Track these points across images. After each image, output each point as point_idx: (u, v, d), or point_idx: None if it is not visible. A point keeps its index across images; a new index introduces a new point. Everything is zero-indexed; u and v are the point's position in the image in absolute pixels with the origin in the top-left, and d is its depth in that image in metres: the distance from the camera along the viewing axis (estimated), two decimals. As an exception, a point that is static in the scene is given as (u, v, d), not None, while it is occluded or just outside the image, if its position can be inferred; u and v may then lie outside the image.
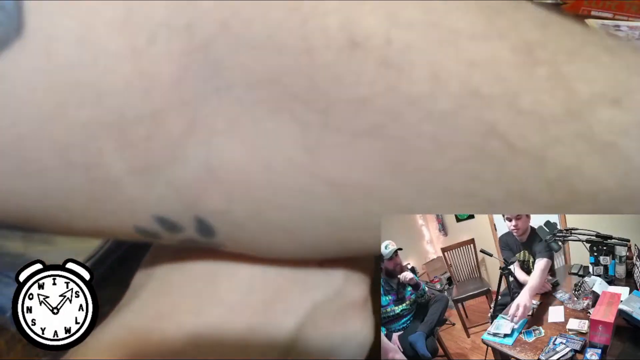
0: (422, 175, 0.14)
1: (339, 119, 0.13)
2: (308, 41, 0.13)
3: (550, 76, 0.13)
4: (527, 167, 0.13)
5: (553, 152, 0.13)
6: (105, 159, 0.14)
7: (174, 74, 0.13)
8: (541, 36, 0.13)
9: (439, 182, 0.14)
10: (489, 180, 0.13)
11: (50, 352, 0.18)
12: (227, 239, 0.16)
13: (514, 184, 0.13)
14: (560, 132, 0.13)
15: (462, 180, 0.14)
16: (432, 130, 0.13)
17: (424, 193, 0.14)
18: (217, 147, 0.14)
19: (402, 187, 0.14)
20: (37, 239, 0.40)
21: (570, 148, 0.13)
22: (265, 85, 0.13)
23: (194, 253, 0.19)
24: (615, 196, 0.13)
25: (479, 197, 0.14)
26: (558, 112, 0.13)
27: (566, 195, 0.13)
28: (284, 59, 0.13)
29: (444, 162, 0.13)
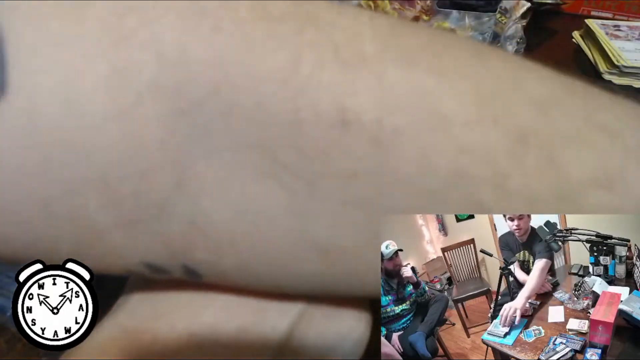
0: None
1: (326, 190, 0.13)
2: (299, 114, 0.13)
3: (542, 160, 0.13)
4: None
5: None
6: (90, 213, 0.14)
7: (162, 135, 0.13)
8: (537, 121, 0.13)
9: None
10: None
11: (50, 352, 0.18)
12: (215, 281, 0.17)
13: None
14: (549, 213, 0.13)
15: None
16: (421, 205, 0.13)
17: None
18: (204, 207, 0.14)
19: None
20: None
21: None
22: (254, 151, 0.13)
23: None
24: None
25: None
26: (547, 194, 0.13)
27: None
28: (274, 128, 0.13)
29: None
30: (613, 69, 0.70)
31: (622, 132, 0.13)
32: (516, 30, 0.66)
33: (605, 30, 0.77)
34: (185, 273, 0.16)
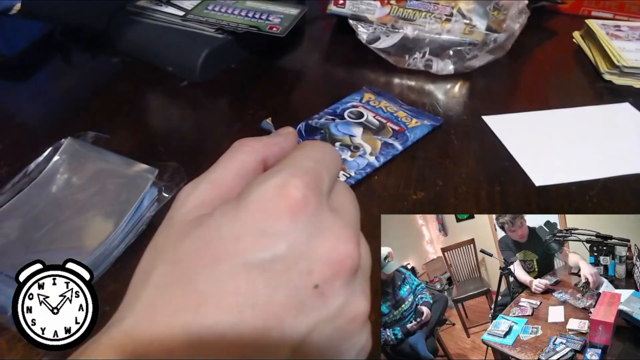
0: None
1: None
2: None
3: None
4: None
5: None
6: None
7: None
8: None
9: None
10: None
11: (50, 352, 0.18)
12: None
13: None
14: None
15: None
16: None
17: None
18: None
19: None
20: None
21: None
22: None
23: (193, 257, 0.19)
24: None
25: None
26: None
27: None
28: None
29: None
30: (613, 69, 0.70)
31: None
32: (520, 6, 0.64)
33: (606, 31, 0.77)
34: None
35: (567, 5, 0.90)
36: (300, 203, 0.19)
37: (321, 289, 0.19)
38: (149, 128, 0.58)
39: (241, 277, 0.18)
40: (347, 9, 0.70)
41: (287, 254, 0.19)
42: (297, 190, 0.19)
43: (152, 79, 0.66)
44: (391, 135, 0.55)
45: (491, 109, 0.62)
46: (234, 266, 0.18)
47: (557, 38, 0.85)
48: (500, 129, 0.59)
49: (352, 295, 0.20)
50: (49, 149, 0.46)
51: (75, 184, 0.44)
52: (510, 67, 0.65)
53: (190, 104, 0.63)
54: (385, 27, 0.67)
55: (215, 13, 0.68)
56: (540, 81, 0.73)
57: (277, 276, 0.18)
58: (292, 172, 0.20)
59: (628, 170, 0.53)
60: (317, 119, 0.57)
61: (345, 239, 0.20)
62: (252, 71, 0.68)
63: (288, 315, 0.18)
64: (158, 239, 0.20)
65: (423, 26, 0.67)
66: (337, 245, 0.19)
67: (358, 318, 0.20)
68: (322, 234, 0.19)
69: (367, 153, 0.52)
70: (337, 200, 0.22)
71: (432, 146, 0.55)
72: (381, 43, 0.65)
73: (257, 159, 0.23)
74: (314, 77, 0.72)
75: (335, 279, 0.19)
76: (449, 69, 0.60)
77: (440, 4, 0.68)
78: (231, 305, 0.18)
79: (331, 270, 0.19)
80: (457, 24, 0.67)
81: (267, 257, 0.18)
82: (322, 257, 0.19)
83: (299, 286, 0.18)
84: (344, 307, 0.20)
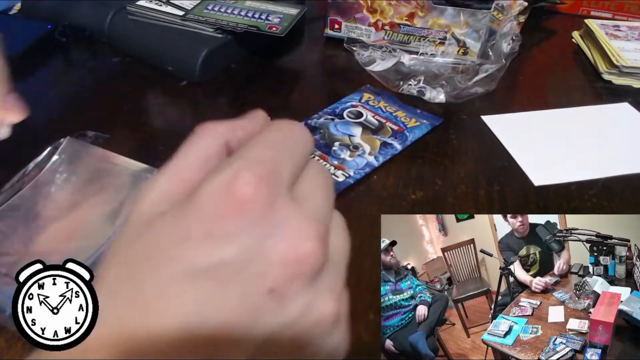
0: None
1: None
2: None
3: None
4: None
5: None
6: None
7: None
8: None
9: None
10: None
11: (50, 352, 0.18)
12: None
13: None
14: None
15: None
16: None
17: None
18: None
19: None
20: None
21: None
22: None
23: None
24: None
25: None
26: None
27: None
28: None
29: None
30: (612, 68, 0.70)
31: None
32: (511, 28, 0.66)
33: (605, 30, 0.77)
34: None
35: (567, 5, 0.90)
36: (250, 200, 0.17)
37: (277, 293, 0.17)
38: (149, 128, 0.58)
39: (187, 283, 0.17)
40: (343, 32, 0.75)
41: (237, 257, 0.17)
42: (246, 185, 0.17)
43: (152, 78, 0.66)
44: (390, 135, 0.55)
45: (490, 109, 0.62)
46: (179, 272, 0.17)
47: (557, 38, 0.85)
48: (499, 129, 0.59)
49: (316, 296, 0.18)
50: (49, 149, 0.46)
51: (74, 184, 0.44)
52: (509, 67, 0.65)
53: (190, 104, 0.63)
54: (380, 50, 0.70)
55: (215, 13, 0.68)
56: (539, 81, 0.73)
57: (225, 282, 0.17)
58: (243, 164, 0.18)
59: (627, 170, 0.53)
60: (317, 119, 0.57)
61: (305, 234, 0.18)
62: (252, 71, 0.68)
63: (240, 322, 0.17)
64: (116, 241, 0.19)
65: (417, 49, 0.70)
66: (295, 243, 0.18)
67: (324, 320, 0.19)
68: (278, 231, 0.18)
69: (366, 153, 0.52)
70: (304, 188, 0.20)
71: (431, 146, 0.55)
72: (376, 66, 0.68)
73: (220, 142, 0.21)
74: (313, 77, 0.72)
75: (293, 280, 0.18)
76: (441, 98, 0.63)
77: (433, 30, 0.70)
78: (175, 314, 0.16)
79: (288, 271, 0.17)
80: (450, 47, 0.70)
81: (214, 262, 0.17)
82: (278, 258, 0.17)
83: (251, 292, 0.17)
84: (306, 310, 0.18)
